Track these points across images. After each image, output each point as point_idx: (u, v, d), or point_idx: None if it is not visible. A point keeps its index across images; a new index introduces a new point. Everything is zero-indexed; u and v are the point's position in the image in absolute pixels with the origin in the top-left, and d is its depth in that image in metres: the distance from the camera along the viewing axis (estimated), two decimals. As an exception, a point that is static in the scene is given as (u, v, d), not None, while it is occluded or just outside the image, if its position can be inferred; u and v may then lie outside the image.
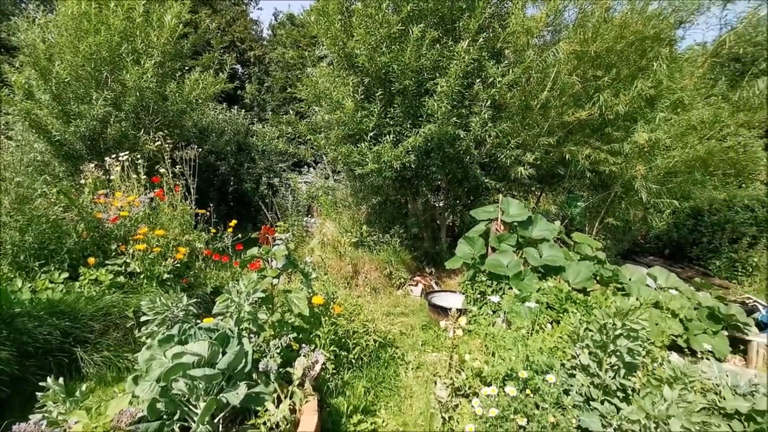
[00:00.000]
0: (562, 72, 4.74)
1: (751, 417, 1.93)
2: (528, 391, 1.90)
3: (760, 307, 4.79)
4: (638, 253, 8.25)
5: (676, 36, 5.09)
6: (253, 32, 17.59)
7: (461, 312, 3.70)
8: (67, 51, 5.25)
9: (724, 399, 2.12)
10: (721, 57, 4.62)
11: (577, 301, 3.01)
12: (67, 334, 2.99)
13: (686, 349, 3.43)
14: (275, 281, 2.90)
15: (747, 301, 5.20)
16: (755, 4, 4.06)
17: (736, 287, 6.35)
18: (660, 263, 7.66)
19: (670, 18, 4.74)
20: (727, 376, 2.46)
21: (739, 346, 3.72)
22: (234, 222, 4.89)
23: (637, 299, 3.22)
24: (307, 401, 2.21)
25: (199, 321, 2.30)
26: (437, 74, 4.89)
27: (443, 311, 4.36)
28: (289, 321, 2.86)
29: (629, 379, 2.05)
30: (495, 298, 2.94)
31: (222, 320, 2.40)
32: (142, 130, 5.77)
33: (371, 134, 5.09)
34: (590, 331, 2.14)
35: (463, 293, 4.39)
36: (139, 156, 4.70)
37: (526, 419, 1.75)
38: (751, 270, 6.56)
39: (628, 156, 4.87)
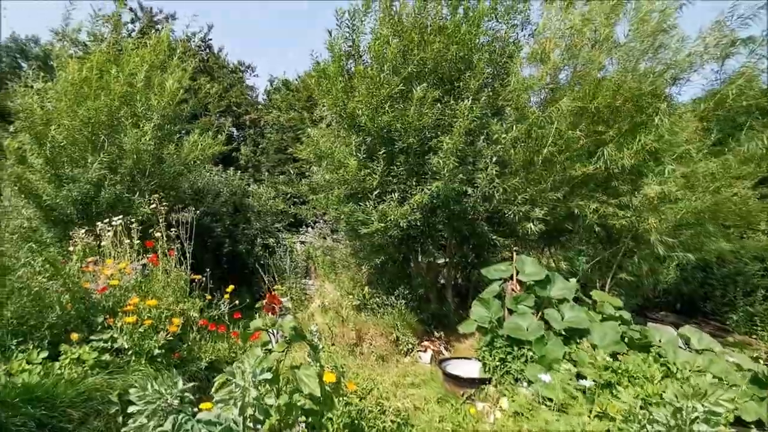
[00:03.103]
0: (564, 128, 4.75)
1: None
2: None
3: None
4: (649, 309, 7.96)
5: (672, 92, 5.21)
6: (249, 97, 18.09)
7: (487, 381, 3.37)
8: (65, 116, 5.18)
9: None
10: (721, 110, 4.67)
11: (619, 372, 2.72)
12: (42, 424, 2.59)
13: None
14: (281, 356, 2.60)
15: (778, 360, 4.90)
16: (753, 59, 4.16)
17: (758, 343, 6.04)
18: (673, 318, 7.38)
19: (665, 75, 4.85)
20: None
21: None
22: (231, 287, 4.58)
23: (675, 365, 2.94)
24: None
25: (195, 409, 1.98)
26: (439, 132, 4.88)
27: (459, 381, 4.00)
28: (298, 403, 2.52)
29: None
30: (546, 377, 2.57)
31: (223, 408, 2.07)
32: (137, 193, 5.59)
33: (375, 192, 4.97)
34: (649, 409, 1.86)
35: (480, 360, 4.05)
36: (132, 220, 4.48)
37: None
38: (771, 324, 6.28)
39: (638, 209, 4.78)
